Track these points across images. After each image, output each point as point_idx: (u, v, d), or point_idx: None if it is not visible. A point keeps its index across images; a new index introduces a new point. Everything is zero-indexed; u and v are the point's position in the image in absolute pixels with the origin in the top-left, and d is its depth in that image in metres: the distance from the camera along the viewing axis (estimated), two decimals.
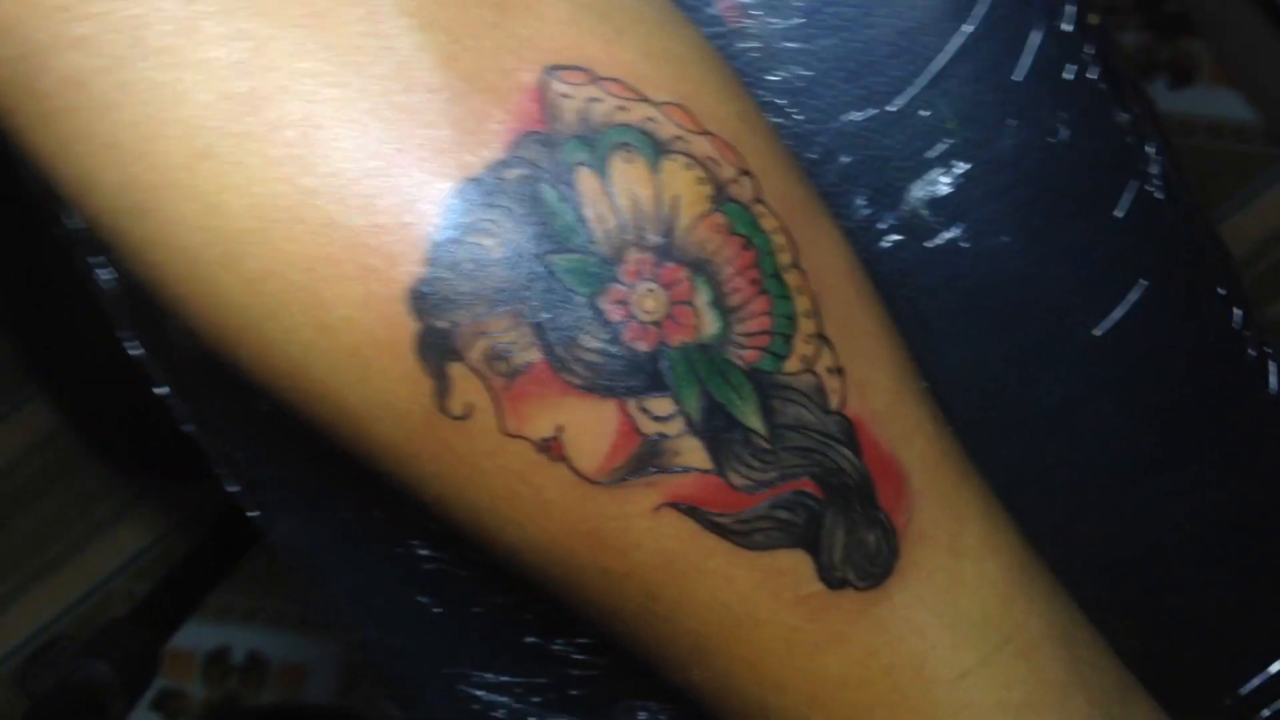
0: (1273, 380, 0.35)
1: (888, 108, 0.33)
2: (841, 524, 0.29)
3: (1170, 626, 0.37)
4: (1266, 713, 0.37)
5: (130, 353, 0.37)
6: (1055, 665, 0.31)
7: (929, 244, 0.34)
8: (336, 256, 0.27)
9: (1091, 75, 0.33)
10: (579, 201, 0.27)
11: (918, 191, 0.33)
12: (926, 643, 0.30)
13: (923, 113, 0.33)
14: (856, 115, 0.33)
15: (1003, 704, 0.30)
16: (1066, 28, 0.33)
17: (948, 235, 0.34)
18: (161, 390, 0.37)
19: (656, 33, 0.29)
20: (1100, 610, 0.34)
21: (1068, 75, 0.33)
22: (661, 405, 0.28)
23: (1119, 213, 0.33)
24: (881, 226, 0.34)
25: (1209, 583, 0.37)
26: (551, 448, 0.27)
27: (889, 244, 0.34)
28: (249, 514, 0.38)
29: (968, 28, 0.33)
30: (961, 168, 0.33)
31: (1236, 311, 0.35)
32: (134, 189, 0.27)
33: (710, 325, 0.28)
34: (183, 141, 0.26)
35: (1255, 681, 0.37)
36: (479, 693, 0.39)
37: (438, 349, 0.27)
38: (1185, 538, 0.36)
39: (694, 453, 0.28)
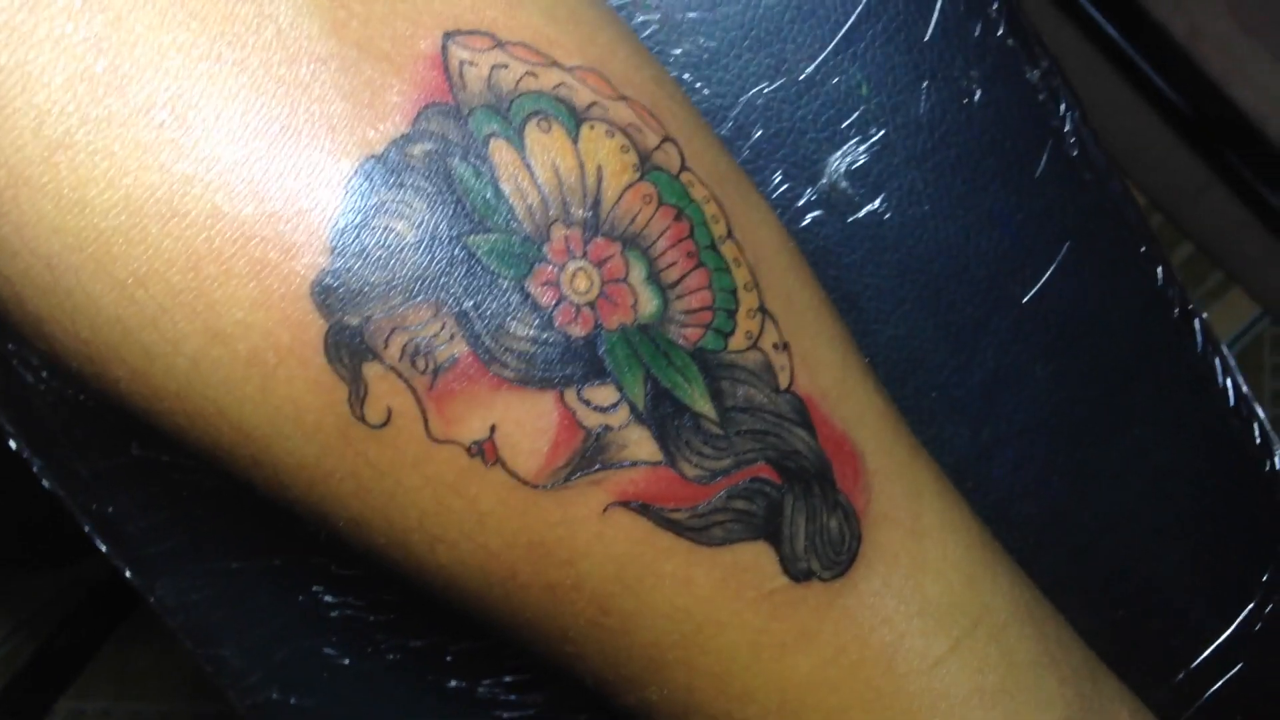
0: (1199, 338, 0.34)
1: (798, 76, 0.31)
2: (802, 510, 0.27)
3: (1123, 601, 0.36)
4: (1217, 685, 0.36)
5: None
6: (1025, 645, 0.29)
7: (851, 218, 0.32)
8: (224, 252, 0.23)
9: (999, 32, 0.32)
10: (495, 175, 0.24)
11: (836, 163, 0.32)
12: (896, 633, 0.28)
13: (834, 79, 0.31)
14: (766, 86, 0.31)
15: (979, 689, 0.29)
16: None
17: (869, 208, 0.32)
18: (12, 444, 0.33)
19: None
20: (1054, 589, 0.32)
21: (975, 35, 0.32)
22: (603, 394, 0.25)
23: (1037, 173, 0.32)
24: (801, 204, 0.32)
25: (1157, 551, 0.36)
26: (485, 451, 0.25)
27: (809, 221, 0.32)
28: (124, 574, 0.33)
29: None
30: (878, 134, 0.32)
31: (1159, 270, 0.34)
32: None
33: (648, 303, 0.25)
34: (35, 131, 0.23)
35: (1204, 654, 0.36)
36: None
37: (349, 349, 0.24)
38: (1129, 507, 0.35)
39: (642, 444, 0.25)
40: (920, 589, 0.28)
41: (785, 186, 0.32)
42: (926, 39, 0.32)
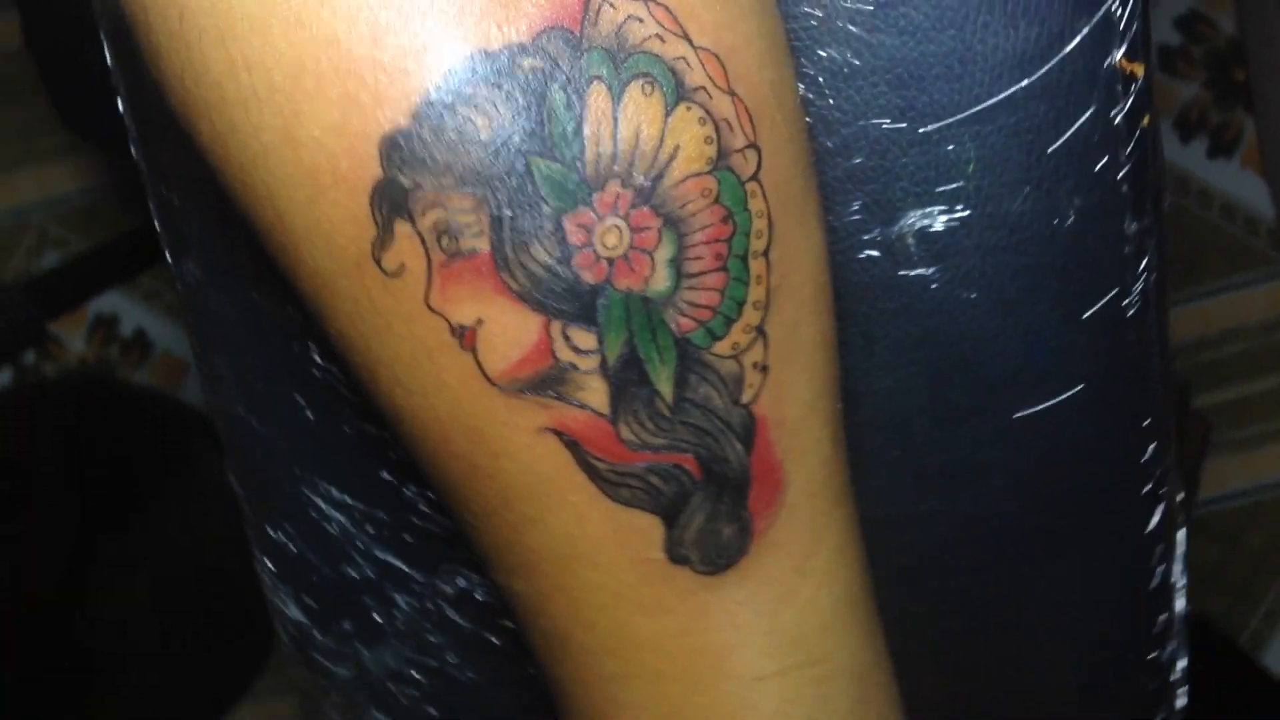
0: (1155, 519, 0.36)
1: (919, 128, 0.32)
2: (705, 510, 0.29)
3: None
4: None
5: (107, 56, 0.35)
6: (842, 700, 0.32)
7: (902, 273, 0.33)
8: (326, 75, 0.25)
9: (1120, 175, 0.32)
10: (583, 115, 0.26)
11: (912, 219, 0.33)
12: (738, 639, 0.31)
13: (949, 146, 0.32)
14: (886, 123, 0.32)
15: (783, 716, 0.32)
16: (1116, 119, 0.32)
17: (922, 271, 0.33)
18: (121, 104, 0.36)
19: None
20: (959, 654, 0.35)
21: (1097, 167, 0.32)
22: (584, 339, 0.27)
23: (1087, 314, 0.33)
24: (865, 238, 0.33)
25: (1056, 658, 0.38)
26: (465, 336, 0.27)
27: (865, 256, 0.33)
28: (163, 243, 0.37)
29: (1025, 81, 0.32)
30: (962, 212, 0.33)
31: (1151, 445, 0.35)
32: None
33: (661, 282, 0.27)
34: None
35: None
36: (320, 502, 0.39)
37: (391, 202, 0.26)
38: (1026, 625, 0.37)
39: (596, 394, 0.28)
40: (778, 615, 0.31)
41: (858, 217, 0.33)
42: (1050, 150, 0.32)
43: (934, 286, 0.33)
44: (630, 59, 0.26)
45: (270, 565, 0.40)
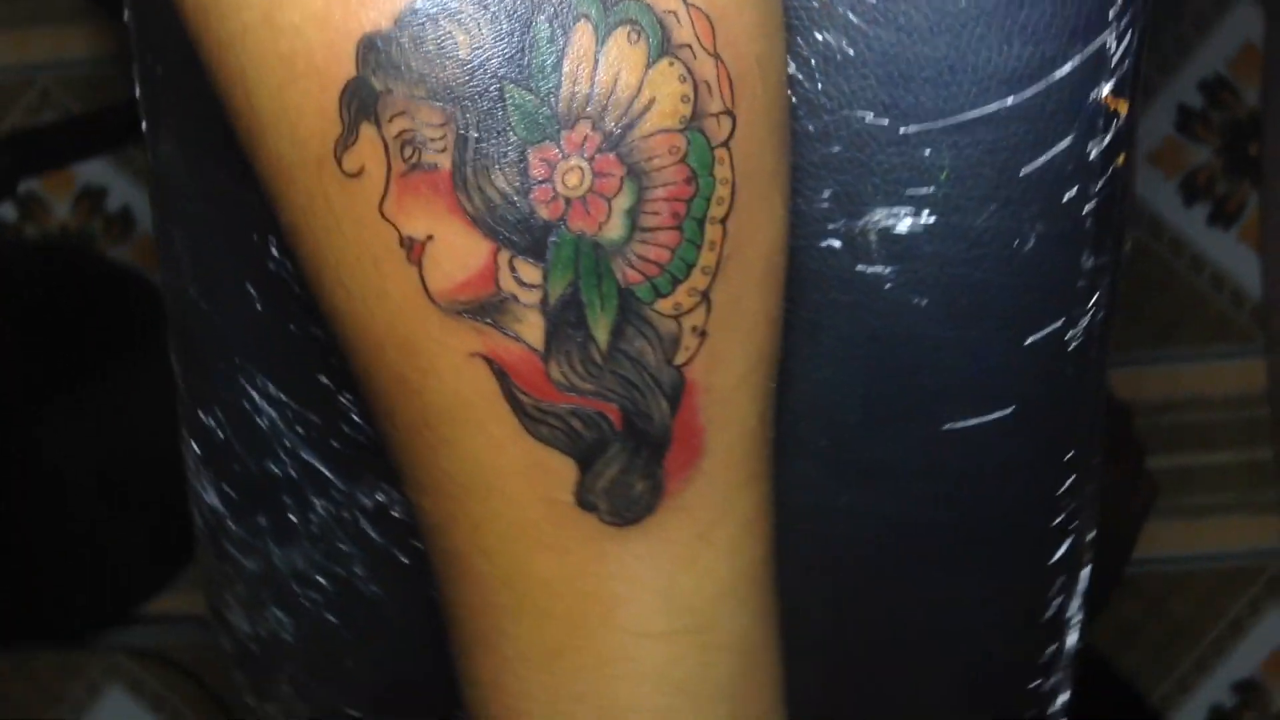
0: (1060, 551, 0.36)
1: (900, 128, 0.32)
2: (620, 461, 0.29)
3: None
4: None
5: None
6: (723, 671, 0.33)
7: (859, 268, 0.34)
8: None
9: (1086, 209, 0.33)
10: (564, 51, 0.26)
11: (878, 217, 0.33)
12: (629, 593, 0.31)
13: (926, 151, 0.32)
14: (869, 116, 0.32)
15: (660, 677, 0.32)
16: (1092, 153, 0.32)
17: (880, 269, 0.34)
18: None
19: None
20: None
21: (1065, 198, 0.32)
22: (529, 273, 0.27)
23: (1028, 342, 0.34)
24: (831, 226, 0.33)
25: (941, 670, 0.39)
26: (414, 250, 0.27)
27: (826, 245, 0.34)
28: (142, 112, 0.37)
29: (1010, 100, 0.32)
30: (927, 219, 0.33)
31: (1071, 478, 0.36)
32: None
33: (615, 230, 0.28)
34: None
35: None
36: (255, 395, 0.39)
37: (360, 103, 0.26)
38: (931, 629, 0.38)
39: (532, 329, 0.28)
40: (674, 577, 0.31)
41: (826, 205, 0.33)
42: (1022, 172, 0.32)
43: (888, 287, 0.34)
44: (621, 4, 0.26)
45: (196, 448, 0.41)
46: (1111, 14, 0.31)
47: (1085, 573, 0.38)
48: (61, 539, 1.13)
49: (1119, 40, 0.31)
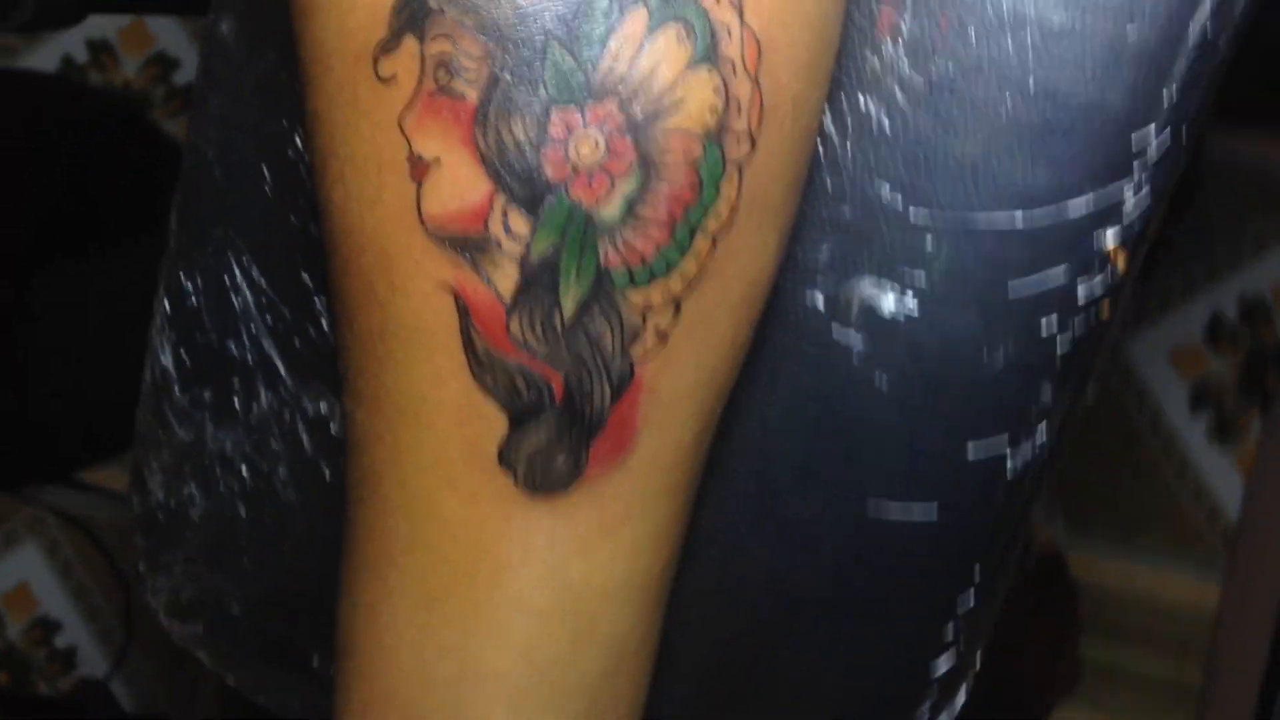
0: (941, 660, 0.37)
1: (910, 210, 0.33)
2: (549, 431, 0.30)
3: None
4: None
5: None
6: (589, 666, 0.33)
7: (835, 331, 0.34)
8: None
9: (1058, 343, 0.33)
10: (616, 27, 0.27)
11: (867, 289, 0.34)
12: (521, 561, 0.31)
13: (927, 238, 0.33)
14: (884, 189, 0.33)
15: (526, 653, 0.32)
16: (1079, 292, 0.33)
17: (850, 337, 0.34)
18: None
19: None
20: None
21: (1042, 326, 0.33)
22: (519, 224, 0.28)
23: (969, 453, 0.34)
24: (819, 279, 0.34)
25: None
26: (417, 167, 0.28)
27: (809, 298, 0.34)
28: None
29: (1020, 215, 0.33)
30: (910, 305, 0.34)
31: (968, 592, 0.36)
32: None
33: (610, 209, 0.28)
34: None
35: None
36: (238, 273, 0.40)
37: (411, 15, 0.27)
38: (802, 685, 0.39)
39: (506, 279, 0.29)
40: (567, 561, 0.32)
41: (821, 260, 0.34)
42: (1009, 291, 0.33)
43: (855, 357, 0.35)
44: (681, 2, 0.27)
45: (167, 306, 0.41)
46: (1136, 166, 0.32)
47: (960, 699, 0.39)
48: (36, 382, 1.14)
49: (1135, 192, 0.32)
